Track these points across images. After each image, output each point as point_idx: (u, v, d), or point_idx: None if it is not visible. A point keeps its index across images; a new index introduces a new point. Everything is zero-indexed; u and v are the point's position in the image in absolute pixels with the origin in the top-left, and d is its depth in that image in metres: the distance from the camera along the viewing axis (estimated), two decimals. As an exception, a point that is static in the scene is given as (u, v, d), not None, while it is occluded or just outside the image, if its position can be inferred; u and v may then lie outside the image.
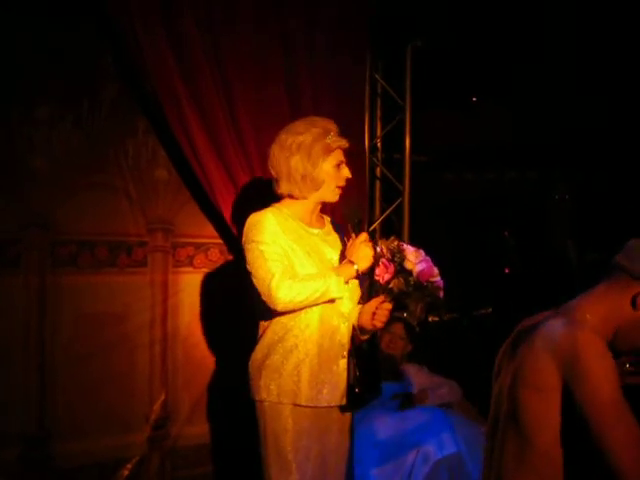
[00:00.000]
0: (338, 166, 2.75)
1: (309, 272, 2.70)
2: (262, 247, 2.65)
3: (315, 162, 2.70)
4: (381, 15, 4.42)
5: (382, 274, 2.66)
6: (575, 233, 5.82)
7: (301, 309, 2.68)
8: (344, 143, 2.77)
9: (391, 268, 2.64)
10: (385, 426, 3.89)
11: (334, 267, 2.76)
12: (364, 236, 2.73)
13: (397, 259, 2.66)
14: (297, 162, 2.71)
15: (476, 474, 3.78)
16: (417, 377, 4.33)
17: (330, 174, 2.74)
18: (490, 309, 5.39)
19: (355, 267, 2.68)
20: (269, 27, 3.90)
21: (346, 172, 2.78)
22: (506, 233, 5.93)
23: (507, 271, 5.96)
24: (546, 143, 5.92)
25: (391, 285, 2.66)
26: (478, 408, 4.32)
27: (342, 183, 2.78)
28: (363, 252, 2.68)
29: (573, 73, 5.18)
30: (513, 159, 6.50)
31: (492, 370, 2.15)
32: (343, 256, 2.78)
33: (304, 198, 2.77)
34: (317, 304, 2.69)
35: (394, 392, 4.12)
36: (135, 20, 3.47)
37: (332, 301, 2.71)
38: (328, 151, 2.72)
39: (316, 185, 2.73)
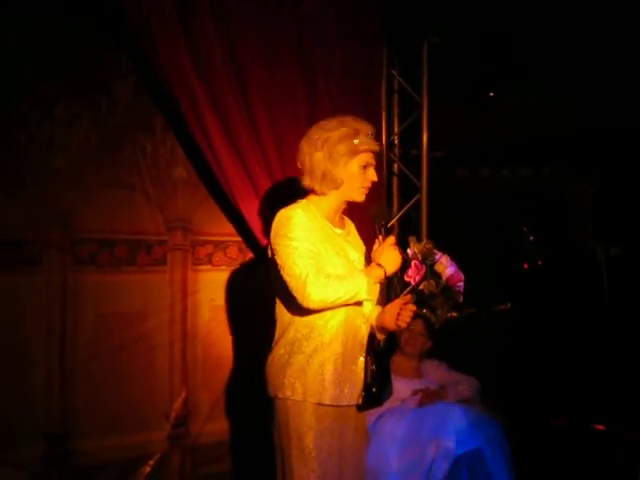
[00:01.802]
0: (364, 168, 2.72)
1: (339, 272, 2.68)
2: (295, 243, 2.61)
3: (336, 161, 2.68)
4: (397, 11, 4.42)
5: (414, 275, 2.67)
6: (598, 227, 5.79)
7: (331, 309, 2.67)
8: (374, 147, 2.73)
9: (422, 270, 2.66)
10: (405, 422, 3.89)
11: (362, 269, 2.74)
12: (392, 239, 2.72)
13: (429, 262, 2.67)
14: (319, 159, 2.69)
15: (495, 470, 3.78)
16: (436, 373, 4.33)
17: (354, 175, 2.71)
18: (509, 305, 5.37)
19: (384, 270, 2.67)
20: (284, 23, 3.92)
21: (372, 175, 2.74)
22: (524, 228, 5.90)
23: (526, 267, 5.94)
24: (561, 138, 5.90)
25: (421, 287, 2.67)
26: (497, 404, 4.32)
27: (367, 185, 2.75)
28: (392, 255, 2.68)
29: (588, 68, 5.15)
30: (528, 155, 6.48)
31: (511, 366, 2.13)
32: (369, 258, 2.77)
33: (323, 194, 2.76)
34: (346, 305, 2.68)
35: (414, 389, 4.12)
36: (150, 15, 3.48)
37: (359, 303, 2.70)
38: (354, 152, 2.69)
39: (335, 184, 2.72)
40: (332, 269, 2.67)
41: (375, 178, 2.76)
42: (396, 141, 4.93)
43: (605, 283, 5.32)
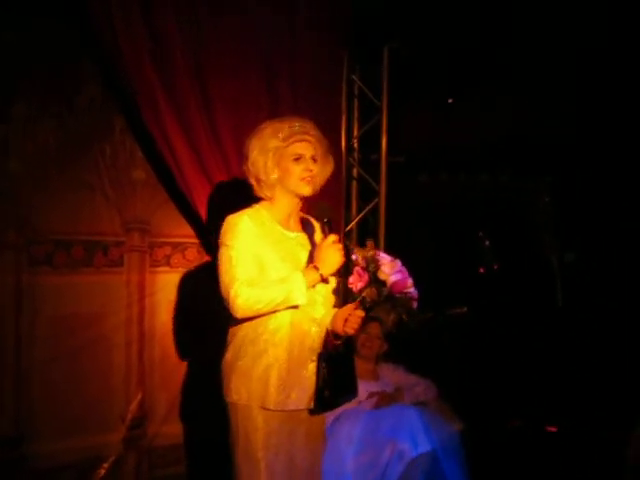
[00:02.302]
0: (297, 160, 2.72)
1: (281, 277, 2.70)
2: (232, 252, 2.65)
3: (260, 164, 2.72)
4: (358, 17, 4.44)
5: (355, 282, 2.64)
6: (554, 234, 5.88)
7: (264, 315, 2.68)
8: (300, 137, 2.72)
9: (365, 277, 2.63)
10: (361, 424, 3.91)
11: (301, 271, 2.71)
12: (332, 238, 2.69)
13: (371, 269, 2.65)
14: (247, 168, 2.76)
15: (450, 473, 3.82)
16: (393, 376, 4.36)
17: (287, 170, 2.72)
18: (465, 308, 5.44)
19: (319, 272, 2.66)
20: (249, 24, 3.91)
21: (307, 164, 2.72)
22: (480, 233, 5.98)
23: (482, 271, 6.02)
24: (518, 144, 5.98)
25: (364, 294, 2.65)
26: (453, 407, 4.36)
27: (304, 175, 2.72)
28: (329, 256, 2.66)
29: (548, 77, 5.23)
30: (486, 161, 6.55)
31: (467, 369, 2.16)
32: (312, 258, 2.75)
33: (269, 199, 2.78)
34: (281, 309, 2.68)
35: (370, 391, 4.15)
36: (114, 17, 3.47)
37: (296, 307, 2.69)
38: (280, 149, 2.71)
39: (269, 187, 2.75)
40: (275, 274, 2.69)
41: (311, 167, 2.73)
42: (356, 145, 4.96)
43: (558, 288, 5.42)
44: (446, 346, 5.36)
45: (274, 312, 2.68)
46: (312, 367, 2.74)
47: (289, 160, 2.72)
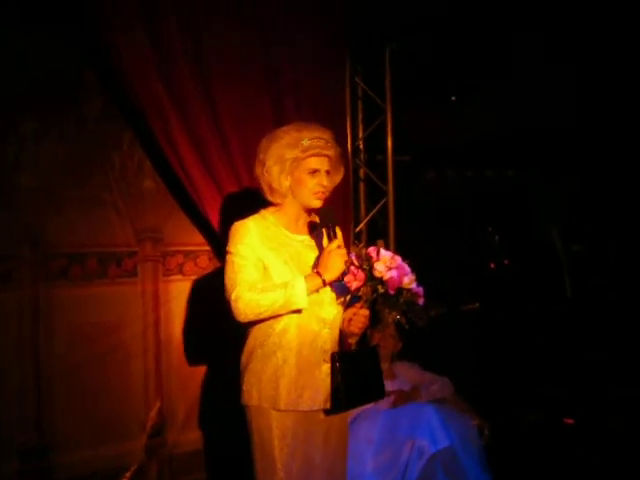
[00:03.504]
0: (312, 173, 2.74)
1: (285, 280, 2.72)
2: (235, 258, 2.71)
3: (275, 173, 2.74)
4: (359, 18, 4.46)
5: (351, 282, 2.63)
6: (560, 225, 5.88)
7: (266, 319, 2.71)
8: (318, 151, 2.74)
9: (360, 276, 2.59)
10: (379, 424, 3.94)
11: (304, 276, 2.73)
12: (335, 243, 2.71)
13: (365, 266, 2.63)
14: (260, 172, 2.78)
15: (469, 467, 3.84)
16: (409, 374, 4.38)
17: (301, 182, 2.74)
18: (477, 304, 5.45)
19: (321, 278, 2.68)
20: (251, 34, 3.95)
21: (321, 179, 2.75)
22: (490, 229, 5.99)
23: (492, 266, 6.02)
24: (523, 140, 5.99)
25: (360, 293, 2.64)
26: (469, 403, 4.38)
27: (317, 189, 2.75)
28: (332, 261, 2.67)
29: (551, 70, 5.24)
30: (492, 157, 6.55)
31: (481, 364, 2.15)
32: (317, 263, 2.76)
33: (278, 204, 2.81)
34: (283, 314, 2.71)
35: (387, 390, 4.17)
36: (118, 32, 3.50)
37: (299, 311, 2.71)
38: (297, 160, 2.72)
39: (280, 194, 2.78)
40: (278, 278, 2.72)
41: (324, 183, 2.75)
42: (361, 146, 4.98)
43: (567, 279, 5.41)
44: (460, 342, 5.37)
45: (278, 316, 2.71)
46: (326, 368, 2.76)
47: (304, 172, 2.74)
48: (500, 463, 4.12)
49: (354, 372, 2.77)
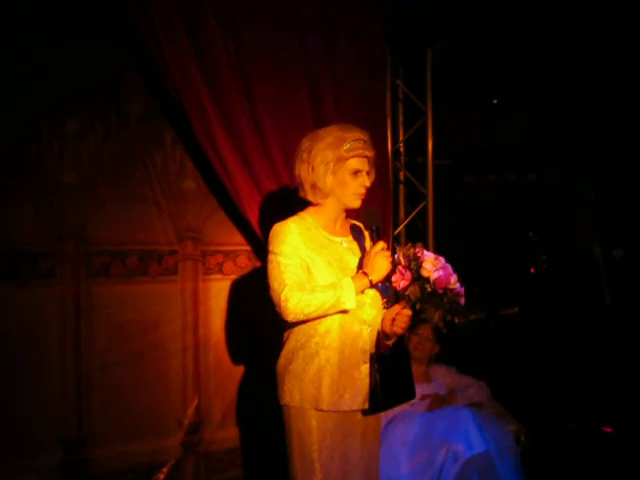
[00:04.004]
0: (355, 174, 2.76)
1: (329, 282, 2.73)
2: (279, 258, 2.71)
3: (321, 172, 2.74)
4: (400, 20, 4.46)
5: (398, 281, 2.66)
6: (600, 230, 5.81)
7: (314, 319, 2.73)
8: (361, 152, 2.76)
9: (407, 275, 2.64)
10: (415, 426, 3.92)
11: (351, 277, 2.75)
12: (380, 245, 2.74)
13: (413, 266, 2.66)
14: (305, 170, 2.77)
15: (504, 473, 3.81)
16: (446, 378, 4.36)
17: (344, 182, 2.76)
18: (517, 309, 5.40)
19: (368, 279, 2.70)
20: (289, 32, 3.97)
21: (363, 180, 2.77)
22: (531, 233, 5.93)
23: (532, 271, 5.96)
24: (565, 143, 5.93)
25: (407, 292, 2.67)
26: (506, 408, 4.35)
27: (360, 191, 2.78)
28: (378, 263, 2.70)
29: (592, 73, 5.18)
30: (533, 160, 6.50)
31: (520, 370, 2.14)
32: (361, 264, 2.80)
33: (318, 204, 2.82)
34: (331, 314, 2.73)
35: (423, 393, 4.16)
36: (158, 30, 3.54)
37: (345, 311, 2.73)
38: (340, 160, 2.73)
39: (323, 194, 2.78)
40: (322, 279, 2.74)
41: (367, 183, 2.79)
42: (402, 149, 4.98)
43: (605, 286, 5.34)
44: (498, 347, 5.33)
45: (324, 316, 2.73)
46: (365, 368, 2.78)
47: (347, 173, 2.76)
48: (536, 471, 4.09)
49: (391, 372, 2.80)
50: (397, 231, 4.81)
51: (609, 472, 4.36)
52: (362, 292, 2.75)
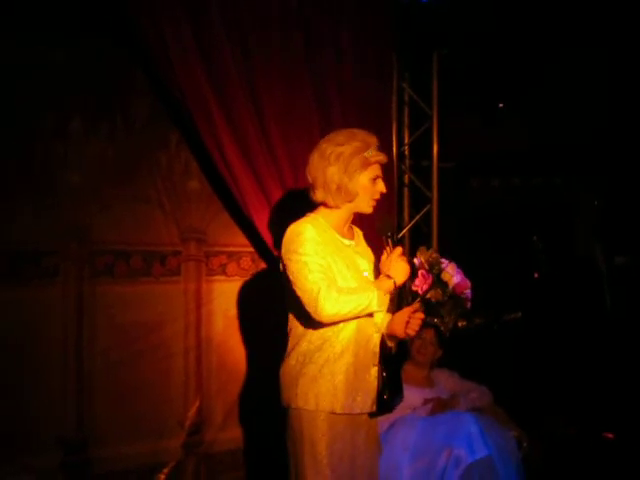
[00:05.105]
0: (374, 180, 2.77)
1: (350, 285, 2.73)
2: (305, 258, 2.66)
3: (351, 175, 2.72)
4: (406, 24, 4.46)
5: (421, 285, 2.72)
6: (603, 237, 5.81)
7: (342, 321, 2.72)
8: (382, 158, 2.78)
9: (429, 279, 2.71)
10: (416, 431, 3.92)
11: (373, 281, 2.79)
12: (399, 250, 2.78)
13: (435, 271, 2.72)
14: (334, 173, 2.73)
15: (507, 478, 3.81)
16: (448, 382, 4.36)
17: (365, 187, 2.76)
18: (520, 314, 5.39)
19: (393, 281, 2.73)
20: (295, 36, 3.96)
21: (381, 187, 2.79)
22: (535, 238, 5.92)
23: (536, 276, 5.96)
24: (570, 149, 5.93)
25: (428, 295, 2.73)
26: (508, 413, 4.34)
27: (377, 197, 2.80)
28: (400, 266, 2.73)
29: (596, 79, 5.19)
30: (538, 165, 6.50)
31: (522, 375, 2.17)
32: (377, 269, 2.83)
33: (337, 208, 2.81)
34: (358, 317, 2.73)
35: (425, 397, 4.15)
36: (165, 32, 3.54)
37: (370, 315, 2.76)
38: (365, 165, 2.74)
39: (349, 197, 2.76)
40: (342, 282, 2.72)
41: (384, 190, 2.81)
42: (407, 152, 4.97)
43: (607, 292, 5.34)
44: (501, 351, 5.33)
45: (353, 319, 2.73)
46: (374, 371, 2.80)
47: (367, 179, 2.76)
48: (538, 476, 4.08)
49: (393, 374, 2.84)
50: (401, 234, 4.80)
51: (611, 478, 4.36)
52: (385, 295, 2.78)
